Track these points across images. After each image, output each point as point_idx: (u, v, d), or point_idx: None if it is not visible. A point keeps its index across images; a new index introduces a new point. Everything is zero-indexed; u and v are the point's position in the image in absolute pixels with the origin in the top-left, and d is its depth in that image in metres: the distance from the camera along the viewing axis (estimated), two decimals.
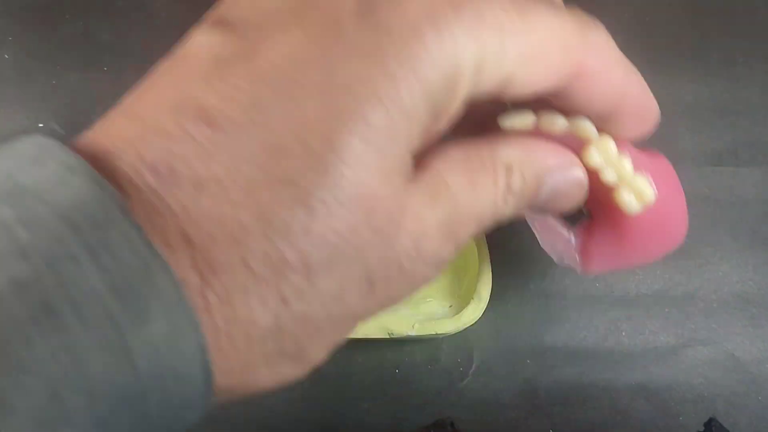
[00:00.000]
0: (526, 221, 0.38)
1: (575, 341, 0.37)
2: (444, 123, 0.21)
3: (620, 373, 0.37)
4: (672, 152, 0.39)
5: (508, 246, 0.38)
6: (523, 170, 0.24)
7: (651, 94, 0.27)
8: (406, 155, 0.19)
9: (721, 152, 0.40)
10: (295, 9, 0.19)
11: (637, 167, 0.28)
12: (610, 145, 0.27)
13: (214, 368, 0.17)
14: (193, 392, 0.17)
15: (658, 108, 0.28)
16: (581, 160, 0.27)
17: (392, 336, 0.34)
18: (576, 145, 0.27)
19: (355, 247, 0.18)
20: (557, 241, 0.32)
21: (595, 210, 0.30)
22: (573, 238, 0.31)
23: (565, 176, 0.26)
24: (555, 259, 0.33)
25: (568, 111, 0.25)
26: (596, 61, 0.23)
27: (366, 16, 0.18)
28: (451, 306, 0.37)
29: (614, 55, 0.25)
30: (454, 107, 0.20)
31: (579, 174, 0.26)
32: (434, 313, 0.37)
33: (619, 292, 0.38)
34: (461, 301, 0.36)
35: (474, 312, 0.34)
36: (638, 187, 0.28)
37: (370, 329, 0.34)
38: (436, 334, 0.34)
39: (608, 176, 0.27)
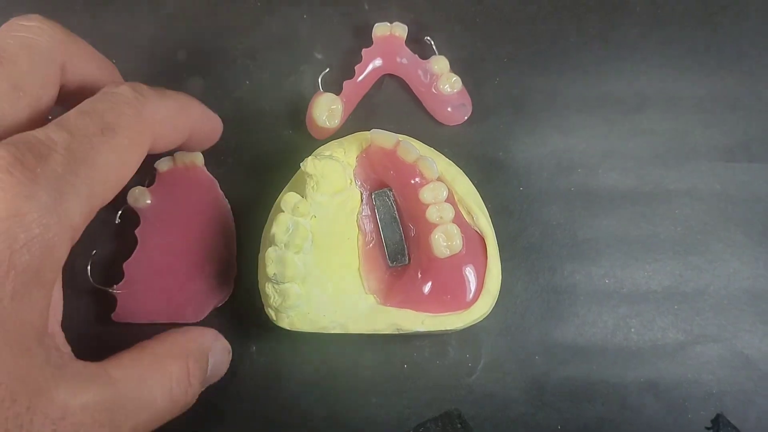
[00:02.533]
0: (535, 217, 0.38)
1: (584, 337, 0.37)
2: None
3: (629, 369, 0.37)
4: (684, 147, 0.39)
5: (517, 241, 0.38)
6: (198, 357, 0.28)
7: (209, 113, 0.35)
8: (30, 341, 0.21)
9: (734, 147, 0.39)
10: None
11: (458, 223, 0.33)
12: (442, 190, 0.33)
13: None
14: None
15: (220, 122, 0.36)
16: (419, 196, 0.33)
17: (401, 332, 0.34)
18: (419, 181, 0.33)
19: None
20: None
21: (413, 255, 0.35)
22: (387, 276, 0.36)
23: (220, 349, 0.32)
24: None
25: None
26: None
27: None
28: None
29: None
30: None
31: (226, 345, 0.33)
32: None
33: (629, 288, 0.38)
34: None
35: (483, 307, 0.34)
36: (451, 232, 0.33)
37: (378, 325, 0.34)
38: (445, 330, 0.34)
39: (431, 214, 0.33)
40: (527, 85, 0.40)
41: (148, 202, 0.37)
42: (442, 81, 0.38)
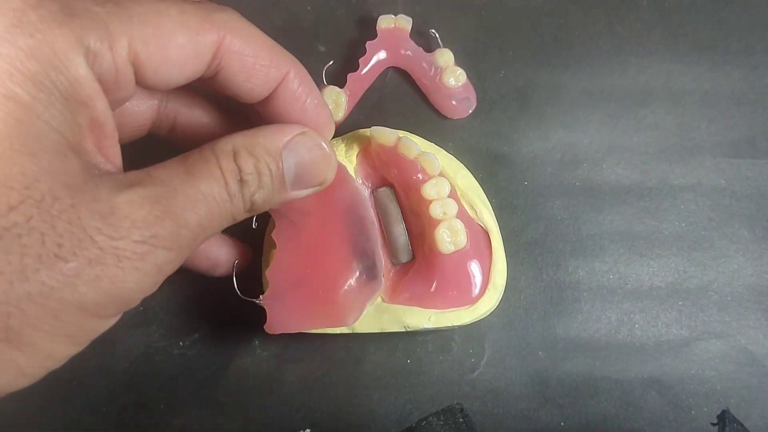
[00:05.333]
0: (540, 212, 0.38)
1: (587, 333, 0.37)
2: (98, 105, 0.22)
3: (632, 365, 0.37)
4: (688, 142, 0.39)
5: (521, 236, 0.38)
6: (253, 151, 0.25)
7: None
8: (64, 148, 0.21)
9: (739, 142, 0.39)
10: None
11: (461, 218, 0.33)
12: (444, 185, 0.33)
13: None
14: None
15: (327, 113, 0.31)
16: (421, 192, 0.33)
17: (408, 330, 0.34)
18: (421, 177, 0.33)
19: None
20: None
21: (417, 252, 0.35)
22: (391, 273, 0.35)
23: (306, 146, 0.27)
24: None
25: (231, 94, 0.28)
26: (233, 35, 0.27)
27: None
28: None
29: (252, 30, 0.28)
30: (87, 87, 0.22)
31: (317, 140, 0.28)
32: None
33: (633, 284, 0.38)
34: None
35: (490, 302, 0.34)
36: (455, 228, 0.33)
37: (385, 323, 0.34)
38: (452, 325, 0.34)
39: (435, 210, 0.33)
40: (532, 79, 0.40)
41: None
42: (447, 74, 0.38)
